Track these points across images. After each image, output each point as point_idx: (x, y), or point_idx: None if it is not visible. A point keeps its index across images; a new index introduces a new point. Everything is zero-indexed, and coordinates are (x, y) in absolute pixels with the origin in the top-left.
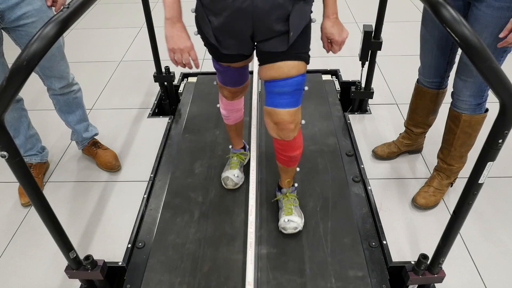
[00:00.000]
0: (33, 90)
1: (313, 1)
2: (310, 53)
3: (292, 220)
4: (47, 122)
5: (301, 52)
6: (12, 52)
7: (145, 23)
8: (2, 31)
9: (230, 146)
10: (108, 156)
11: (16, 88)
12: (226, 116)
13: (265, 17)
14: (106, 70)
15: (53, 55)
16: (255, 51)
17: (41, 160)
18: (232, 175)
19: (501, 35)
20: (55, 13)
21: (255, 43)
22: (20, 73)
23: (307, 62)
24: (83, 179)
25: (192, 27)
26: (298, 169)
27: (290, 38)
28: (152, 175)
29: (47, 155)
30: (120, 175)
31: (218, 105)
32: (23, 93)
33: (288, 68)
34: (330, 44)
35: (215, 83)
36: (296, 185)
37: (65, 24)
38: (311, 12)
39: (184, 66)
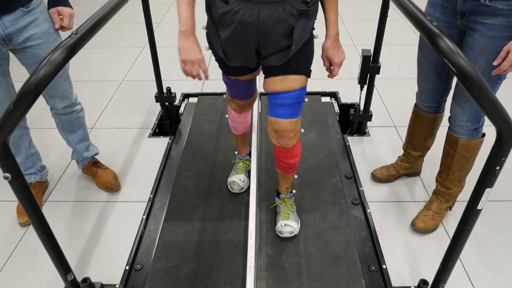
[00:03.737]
0: (35, 108)
1: (315, 18)
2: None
3: (288, 225)
4: (48, 140)
5: (302, 67)
6: (14, 70)
7: (147, 43)
8: (9, 51)
9: (236, 152)
10: (108, 176)
11: (23, 111)
12: (234, 127)
13: (269, 31)
14: (108, 90)
15: (58, 75)
16: (261, 67)
17: (40, 179)
18: (238, 179)
19: (495, 63)
20: (61, 35)
21: (259, 58)
22: (27, 97)
23: (308, 76)
24: (82, 198)
25: (203, 43)
26: (296, 176)
27: (291, 51)
28: (151, 196)
29: (47, 174)
30: (119, 195)
31: (226, 116)
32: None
33: (290, 82)
34: (330, 65)
35: (224, 96)
36: (294, 191)
37: (73, 50)
38: (314, 29)
39: (193, 77)
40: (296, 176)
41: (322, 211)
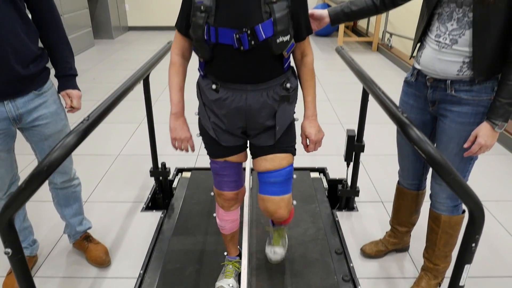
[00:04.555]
0: None
1: (296, 103)
2: (298, 151)
3: (277, 252)
4: (41, 213)
5: (289, 146)
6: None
7: (144, 119)
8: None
9: (225, 253)
10: (99, 251)
11: (33, 190)
12: (222, 226)
13: (256, 114)
14: (103, 163)
15: None
16: (248, 148)
17: (30, 253)
18: (226, 285)
19: (465, 146)
20: (67, 115)
21: (248, 138)
22: (39, 177)
23: (294, 154)
24: (72, 274)
25: (194, 126)
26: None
27: (276, 132)
28: (141, 272)
29: (37, 248)
30: (109, 270)
31: (214, 215)
32: None
33: (279, 160)
34: (308, 144)
35: (212, 193)
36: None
37: (85, 134)
38: (294, 112)
39: (182, 150)
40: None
41: None
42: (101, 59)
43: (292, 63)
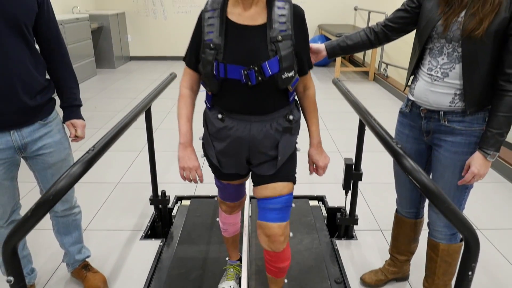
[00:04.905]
0: None
1: (298, 134)
2: (298, 180)
3: None
4: (40, 241)
5: (289, 175)
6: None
7: (144, 147)
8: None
9: (227, 258)
10: (97, 280)
11: (38, 219)
12: (224, 228)
13: (259, 144)
14: (103, 191)
15: None
16: (250, 174)
17: (28, 282)
18: (228, 286)
19: (461, 174)
20: (71, 144)
21: (250, 167)
22: (46, 206)
23: (294, 183)
24: None
25: (199, 151)
26: (286, 280)
27: (278, 162)
28: None
29: (35, 277)
30: None
31: (217, 219)
32: (24, 212)
33: (280, 188)
34: (316, 169)
35: (216, 199)
36: None
37: (90, 164)
38: (296, 143)
39: (190, 181)
40: (286, 281)
41: None
42: (103, 88)
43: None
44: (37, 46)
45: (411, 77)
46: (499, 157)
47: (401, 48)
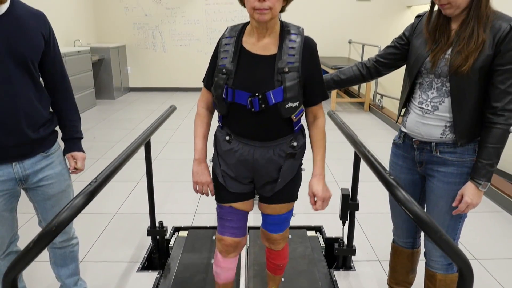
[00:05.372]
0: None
1: (303, 157)
2: (296, 210)
3: None
4: (36, 272)
5: (291, 196)
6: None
7: (141, 177)
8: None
9: None
10: None
11: (39, 250)
12: (217, 273)
13: (262, 168)
14: (100, 222)
15: None
16: (255, 198)
17: None
18: None
19: (454, 205)
20: (71, 176)
21: (254, 187)
22: (48, 237)
23: (296, 200)
24: None
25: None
26: (283, 279)
27: (278, 184)
28: None
29: None
30: None
31: (212, 261)
32: (21, 243)
33: (280, 208)
34: (314, 202)
35: (213, 237)
36: None
37: (92, 195)
38: (301, 164)
39: (202, 194)
40: (283, 279)
41: None
42: (102, 118)
43: (303, 122)
44: (41, 80)
45: (403, 110)
46: (495, 186)
47: (395, 80)
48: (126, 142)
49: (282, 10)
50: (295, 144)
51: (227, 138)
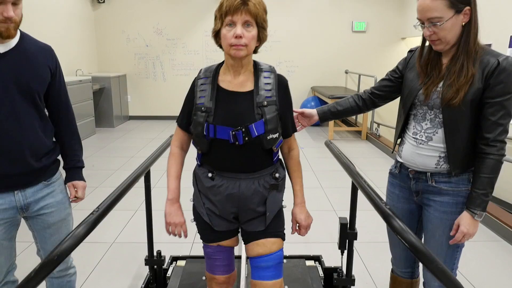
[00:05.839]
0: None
1: (284, 191)
2: (294, 239)
3: None
4: None
5: (278, 231)
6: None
7: (139, 206)
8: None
9: None
10: None
11: (41, 279)
12: None
13: (248, 200)
14: (98, 252)
15: (61, 240)
16: (240, 234)
17: None
18: None
19: (451, 234)
20: (71, 204)
21: (240, 224)
22: (49, 267)
23: (284, 239)
24: None
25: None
26: None
27: (267, 217)
28: None
29: None
30: None
31: None
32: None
33: (270, 244)
34: (298, 229)
35: (203, 278)
36: None
37: (94, 225)
38: (283, 200)
39: (175, 235)
40: None
41: None
42: (101, 146)
43: (280, 156)
44: (46, 111)
45: (399, 140)
46: (493, 215)
47: (392, 109)
48: (124, 171)
49: (255, 51)
50: (277, 175)
51: (210, 174)
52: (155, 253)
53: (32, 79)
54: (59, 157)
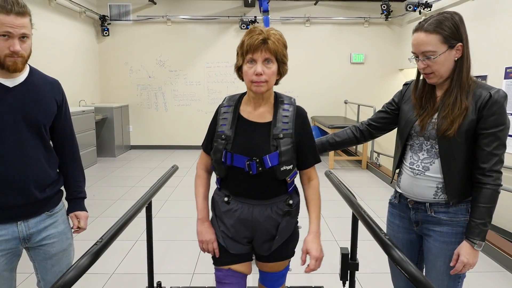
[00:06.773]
0: None
1: (298, 215)
2: (295, 270)
3: None
4: None
5: (288, 254)
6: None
7: (140, 236)
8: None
9: None
10: None
11: None
12: None
13: (261, 226)
14: (97, 283)
15: (61, 271)
16: (254, 260)
17: None
18: None
19: (452, 264)
20: (73, 235)
21: (253, 246)
22: None
23: (292, 257)
24: None
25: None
26: None
27: (275, 241)
28: None
29: None
30: None
31: None
32: None
33: (278, 265)
34: (305, 259)
35: None
36: None
37: (97, 255)
38: (297, 222)
39: (209, 252)
40: None
41: None
42: (102, 176)
43: (297, 183)
44: (51, 142)
45: (397, 170)
46: (496, 246)
47: (392, 138)
48: (125, 201)
49: (276, 83)
50: (291, 202)
51: (226, 199)
52: (155, 284)
53: (40, 112)
54: (62, 188)
